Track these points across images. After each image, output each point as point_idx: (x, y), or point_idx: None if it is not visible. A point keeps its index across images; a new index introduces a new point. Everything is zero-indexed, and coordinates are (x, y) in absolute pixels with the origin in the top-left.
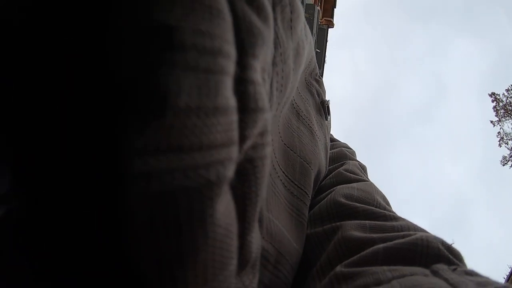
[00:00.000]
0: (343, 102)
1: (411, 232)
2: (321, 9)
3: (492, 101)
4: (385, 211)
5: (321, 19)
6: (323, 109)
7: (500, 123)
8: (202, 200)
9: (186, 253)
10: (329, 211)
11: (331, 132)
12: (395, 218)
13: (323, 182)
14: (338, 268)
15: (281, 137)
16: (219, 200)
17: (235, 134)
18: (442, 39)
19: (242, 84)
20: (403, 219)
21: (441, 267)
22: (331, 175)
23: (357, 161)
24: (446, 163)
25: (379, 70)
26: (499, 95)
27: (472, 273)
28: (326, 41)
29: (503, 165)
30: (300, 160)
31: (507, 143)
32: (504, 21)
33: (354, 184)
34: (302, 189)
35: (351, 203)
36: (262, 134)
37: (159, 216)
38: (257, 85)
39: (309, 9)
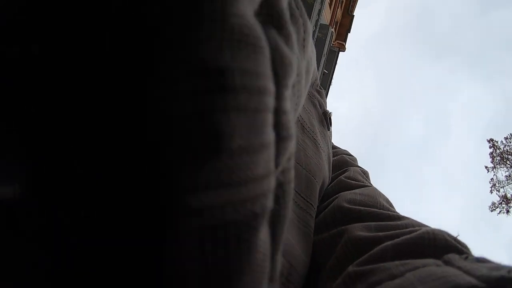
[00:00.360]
0: (343, 125)
1: (416, 228)
2: (335, 31)
3: (490, 147)
4: (388, 212)
5: (333, 42)
6: (325, 119)
7: (494, 170)
8: (249, 231)
9: (233, 280)
10: (333, 217)
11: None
12: (399, 217)
13: (325, 191)
14: (350, 268)
15: None
16: (262, 228)
17: (272, 165)
18: (451, 79)
19: (278, 115)
20: (408, 218)
21: (452, 256)
22: (333, 183)
23: (359, 167)
24: (436, 202)
25: (384, 99)
26: (497, 142)
27: (484, 260)
28: (336, 63)
29: (491, 211)
30: (305, 173)
31: (498, 190)
32: None
33: (357, 190)
34: (308, 202)
35: (355, 207)
36: (289, 159)
37: (210, 247)
38: (289, 114)
39: (323, 29)
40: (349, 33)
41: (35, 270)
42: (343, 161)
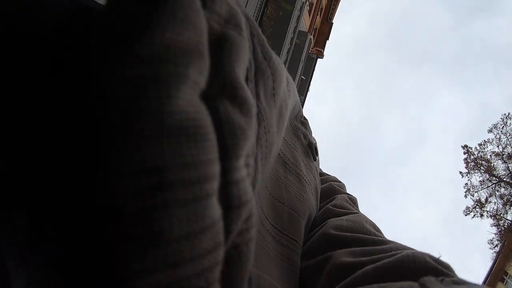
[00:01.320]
0: (321, 132)
1: (398, 251)
2: (313, 38)
3: (464, 153)
4: (374, 237)
5: (312, 48)
6: (311, 150)
7: (468, 175)
8: None
9: None
10: (320, 244)
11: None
12: (384, 242)
13: (313, 220)
14: None
15: (268, 190)
16: None
17: (221, 237)
18: (428, 86)
19: (227, 187)
20: (392, 242)
21: (429, 279)
22: (321, 211)
23: (347, 194)
24: (414, 206)
25: (362, 106)
26: (471, 148)
27: (460, 282)
28: (313, 70)
29: (466, 215)
30: (288, 209)
31: (472, 195)
32: (491, 78)
33: (343, 217)
34: (292, 238)
35: (341, 233)
36: (247, 219)
37: None
38: (241, 182)
39: (301, 36)
40: (327, 40)
41: None
42: (331, 189)
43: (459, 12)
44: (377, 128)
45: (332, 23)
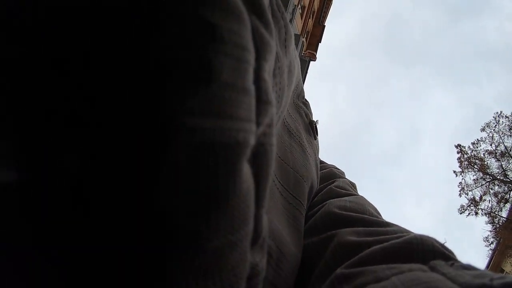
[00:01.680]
0: (317, 119)
1: (404, 234)
2: (306, 41)
3: (458, 153)
4: (377, 219)
5: (304, 51)
6: (312, 129)
7: (462, 174)
8: (234, 153)
9: (221, 196)
10: (324, 222)
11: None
12: (388, 224)
13: (315, 199)
14: (339, 270)
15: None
16: (245, 160)
17: (253, 115)
18: (421, 86)
19: (258, 79)
20: (396, 225)
21: (439, 263)
22: (322, 192)
23: (347, 179)
24: (409, 206)
25: (355, 107)
26: (464, 147)
27: (469, 267)
28: (306, 73)
29: (460, 213)
30: (293, 172)
31: (467, 194)
32: (483, 78)
33: (347, 198)
34: (297, 199)
35: (346, 212)
36: (270, 125)
37: (202, 161)
38: (267, 83)
39: (294, 38)
40: (320, 43)
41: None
42: (331, 173)
43: (450, 13)
44: (370, 128)
45: (324, 26)
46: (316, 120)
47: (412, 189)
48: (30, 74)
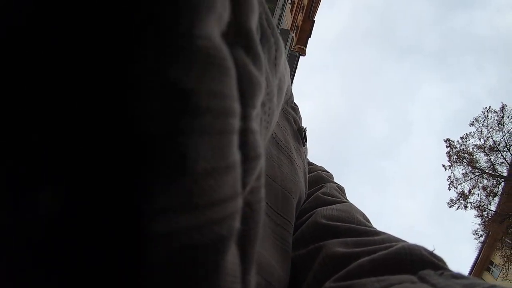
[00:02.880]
0: (307, 124)
1: (393, 244)
2: (296, 36)
3: (447, 147)
4: (366, 228)
5: (294, 46)
6: (301, 136)
7: (451, 168)
8: (216, 254)
9: None
10: (311, 233)
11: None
12: (376, 233)
13: (302, 206)
14: (327, 284)
15: None
16: (230, 249)
17: (239, 186)
18: (412, 79)
19: (245, 135)
20: (384, 233)
21: (428, 272)
22: (310, 199)
23: (335, 183)
24: (400, 196)
25: (347, 100)
26: (453, 141)
27: (458, 276)
28: (296, 68)
29: (450, 207)
30: (281, 189)
31: (456, 187)
32: (473, 71)
33: (334, 206)
34: (285, 218)
35: (332, 223)
36: (259, 178)
37: (178, 271)
38: (256, 133)
39: (283, 34)
40: (309, 38)
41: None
42: (319, 177)
43: (441, 5)
44: (362, 120)
45: (314, 21)
46: (305, 127)
47: (404, 181)
48: None
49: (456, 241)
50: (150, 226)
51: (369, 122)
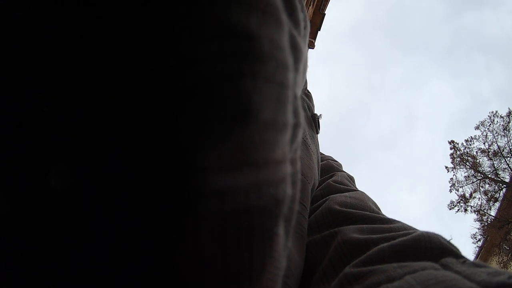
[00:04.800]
0: (321, 113)
1: (410, 231)
2: None
3: (451, 149)
4: (379, 215)
5: None
6: (314, 122)
7: (454, 170)
8: (272, 220)
9: (255, 270)
10: (325, 219)
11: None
12: (391, 221)
13: (314, 193)
14: (347, 269)
15: None
16: (283, 221)
17: (288, 150)
18: (420, 74)
19: (294, 100)
20: (399, 221)
21: (450, 260)
22: (321, 186)
23: (345, 172)
24: (402, 192)
25: (354, 91)
26: (457, 143)
27: (480, 265)
28: None
29: (450, 209)
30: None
31: (457, 190)
32: (482, 70)
33: (347, 193)
34: (302, 204)
35: (346, 209)
36: (296, 149)
37: (232, 234)
38: (299, 100)
39: None
40: (319, 31)
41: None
42: (329, 166)
43: (452, 3)
44: (366, 112)
45: (325, 14)
46: (320, 114)
47: (406, 175)
48: None
49: (455, 242)
50: (203, 182)
51: (374, 114)
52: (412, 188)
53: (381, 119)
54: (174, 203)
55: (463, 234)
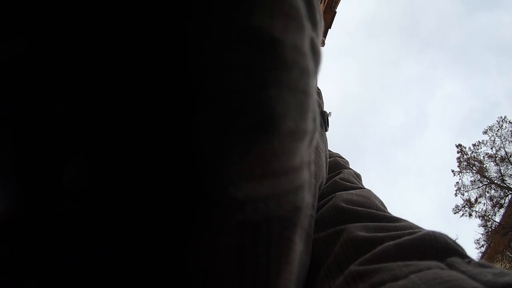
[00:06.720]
0: (330, 111)
1: (416, 230)
2: None
3: (458, 152)
4: (385, 214)
5: None
6: (323, 120)
7: (460, 174)
8: (290, 227)
9: (271, 277)
10: (331, 216)
11: None
12: (397, 219)
13: (321, 191)
14: (352, 267)
15: None
16: (300, 228)
17: (306, 155)
18: (432, 73)
19: (314, 106)
20: (405, 220)
21: (456, 260)
22: (328, 183)
23: (352, 169)
24: (411, 191)
25: (365, 88)
26: (465, 147)
27: (486, 265)
28: None
29: (455, 213)
30: None
31: (463, 194)
32: (493, 72)
33: (353, 191)
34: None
35: (352, 207)
36: (311, 153)
37: (250, 244)
38: (316, 104)
39: None
40: (330, 29)
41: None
42: (336, 163)
43: (467, 3)
44: (378, 109)
45: (336, 12)
46: (329, 112)
47: (415, 173)
48: None
49: (462, 240)
50: (227, 194)
51: (385, 112)
52: (421, 187)
53: (392, 117)
54: (190, 216)
55: (466, 240)
